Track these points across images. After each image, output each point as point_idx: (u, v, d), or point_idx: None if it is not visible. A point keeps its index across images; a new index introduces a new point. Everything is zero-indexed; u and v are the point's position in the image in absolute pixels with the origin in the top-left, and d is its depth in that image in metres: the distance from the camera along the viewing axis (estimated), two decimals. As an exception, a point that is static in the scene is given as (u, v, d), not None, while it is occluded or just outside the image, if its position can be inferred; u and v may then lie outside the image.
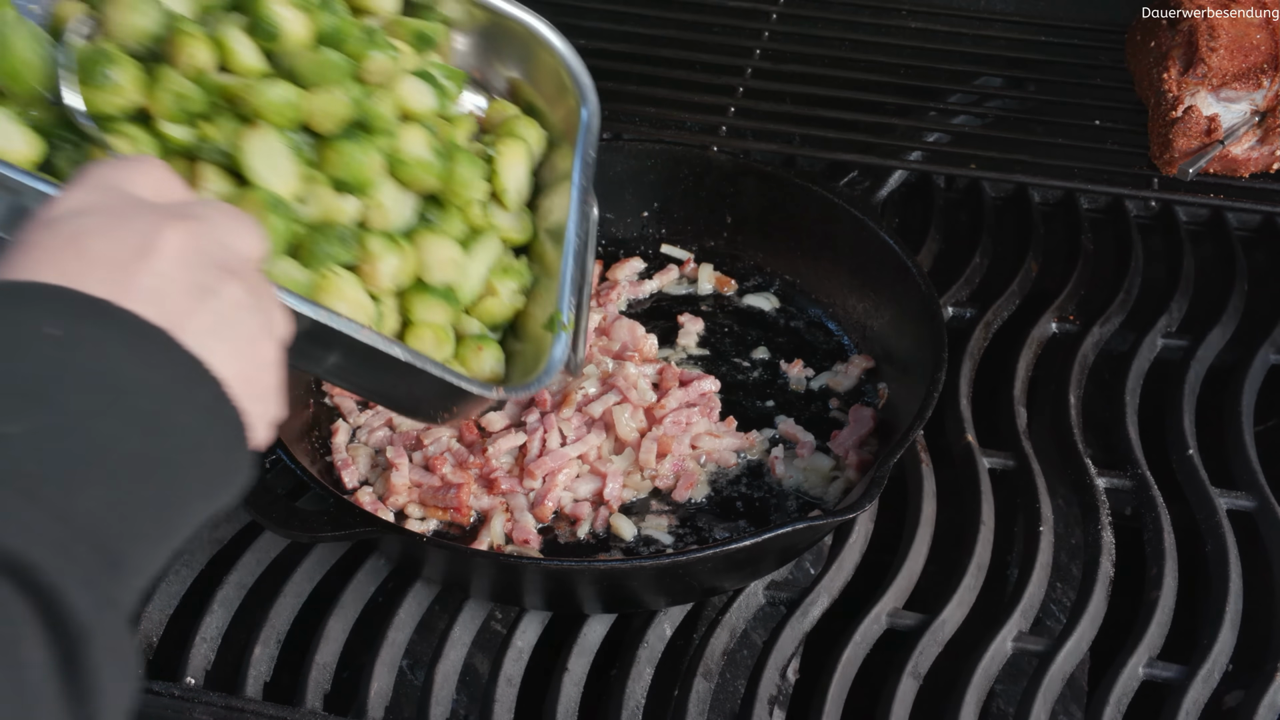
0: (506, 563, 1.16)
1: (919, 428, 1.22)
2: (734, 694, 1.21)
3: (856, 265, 1.44)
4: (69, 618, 0.60)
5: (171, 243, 0.74)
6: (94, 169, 0.79)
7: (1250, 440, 1.34)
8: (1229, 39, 1.48)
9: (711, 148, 1.55)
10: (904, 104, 1.68)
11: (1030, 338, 1.46)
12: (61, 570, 0.61)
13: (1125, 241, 1.57)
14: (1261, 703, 1.12)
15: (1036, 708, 1.13)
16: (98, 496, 0.65)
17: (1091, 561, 1.24)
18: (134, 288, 0.71)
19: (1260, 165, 1.52)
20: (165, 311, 0.71)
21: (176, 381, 0.71)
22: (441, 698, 1.17)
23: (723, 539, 1.23)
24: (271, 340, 0.79)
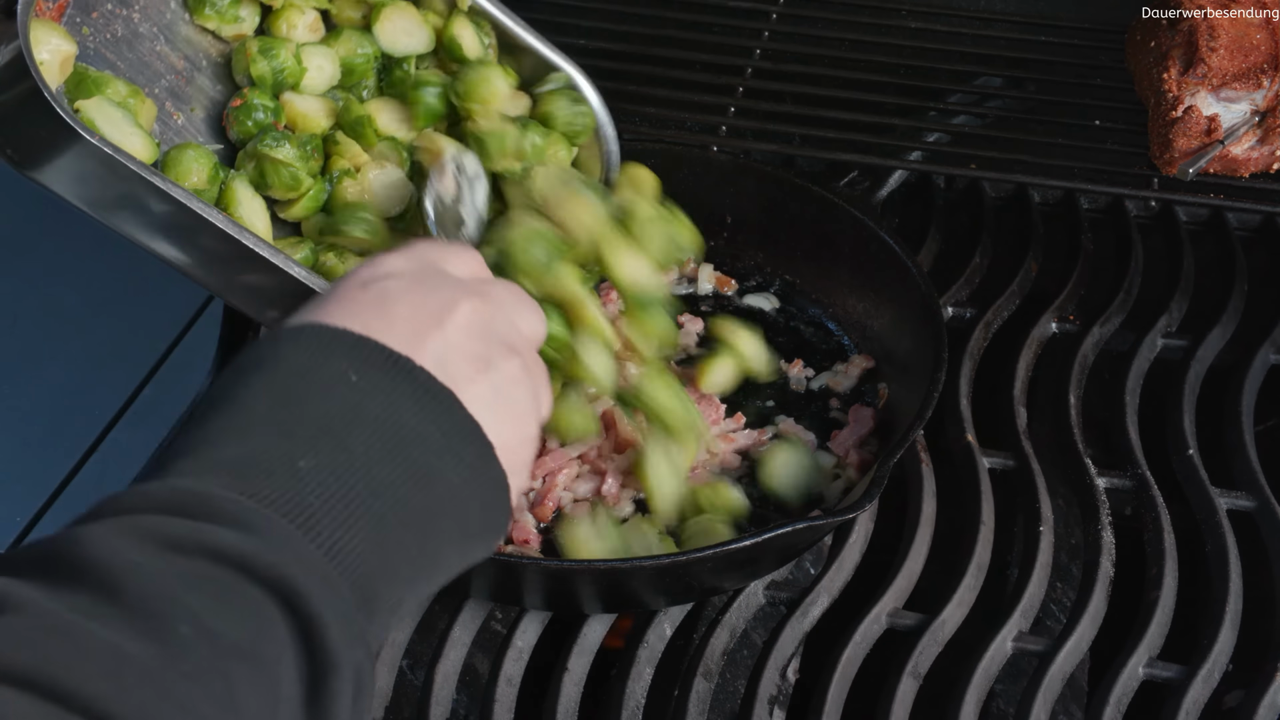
0: (506, 563, 1.15)
1: (919, 428, 1.22)
2: (734, 694, 1.21)
3: (856, 265, 1.44)
4: (323, 646, 0.65)
5: (464, 313, 0.83)
6: (419, 244, 0.90)
7: (1250, 440, 1.34)
8: (1229, 39, 1.48)
9: (711, 148, 1.55)
10: (904, 104, 1.68)
11: (1030, 338, 1.46)
12: (324, 602, 0.66)
13: (1125, 241, 1.57)
14: (1261, 703, 1.12)
15: (1036, 708, 1.13)
16: (365, 536, 0.71)
17: (1091, 561, 1.24)
18: (425, 350, 0.79)
19: (1260, 165, 1.52)
20: (448, 375, 0.79)
21: (452, 439, 0.77)
22: (441, 698, 1.17)
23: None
24: (535, 418, 0.87)
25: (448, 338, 0.81)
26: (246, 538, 0.66)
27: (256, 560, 0.65)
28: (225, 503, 0.68)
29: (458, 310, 0.83)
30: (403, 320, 0.80)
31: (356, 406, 0.74)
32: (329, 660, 0.66)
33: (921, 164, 1.63)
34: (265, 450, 0.72)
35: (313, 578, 0.67)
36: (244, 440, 0.72)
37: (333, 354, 0.76)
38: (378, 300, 0.81)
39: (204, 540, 0.65)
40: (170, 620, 0.61)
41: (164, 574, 0.62)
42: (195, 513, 0.67)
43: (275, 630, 0.64)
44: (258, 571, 0.65)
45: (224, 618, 0.63)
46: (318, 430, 0.73)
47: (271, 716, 0.62)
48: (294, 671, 0.64)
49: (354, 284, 0.84)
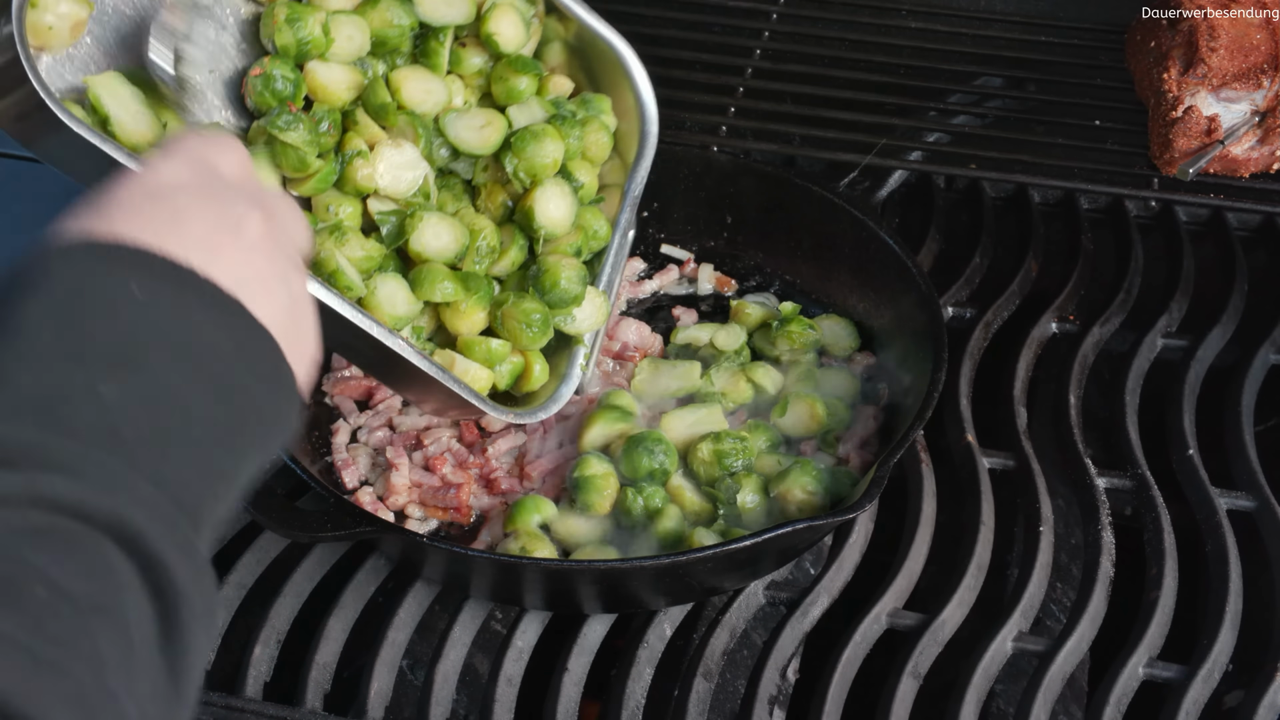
0: (506, 563, 1.16)
1: (919, 428, 1.22)
2: (734, 694, 1.21)
3: (856, 265, 1.44)
4: (170, 583, 0.65)
5: (255, 228, 0.81)
6: (186, 142, 0.86)
7: (1250, 440, 1.34)
8: (1229, 39, 1.48)
9: (711, 148, 1.55)
10: (904, 104, 1.68)
11: (1030, 338, 1.46)
12: (164, 540, 0.66)
13: (1125, 241, 1.57)
14: (1261, 703, 1.12)
15: (1036, 708, 1.13)
16: (184, 461, 0.71)
17: (1091, 561, 1.24)
18: (220, 264, 0.76)
19: (1260, 165, 1.52)
20: (247, 291, 0.77)
21: (245, 348, 0.76)
22: (441, 698, 1.17)
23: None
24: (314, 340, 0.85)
25: (243, 253, 0.79)
26: (76, 483, 0.65)
27: (90, 505, 0.64)
28: (46, 448, 0.66)
29: (251, 223, 0.81)
30: (196, 237, 0.77)
31: (147, 323, 0.72)
32: (177, 596, 0.66)
33: (921, 164, 1.63)
34: (64, 381, 0.69)
35: (148, 515, 0.66)
36: (37, 371, 0.69)
37: (113, 268, 0.73)
38: (172, 216, 0.78)
39: (35, 491, 0.64)
40: (24, 585, 0.60)
41: (4, 535, 0.62)
42: (18, 460, 0.65)
43: (120, 576, 0.64)
44: (95, 517, 0.64)
45: (73, 573, 0.62)
46: (112, 353, 0.71)
47: (128, 662, 0.63)
48: (144, 612, 0.65)
49: (141, 193, 0.80)
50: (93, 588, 0.62)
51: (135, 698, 0.62)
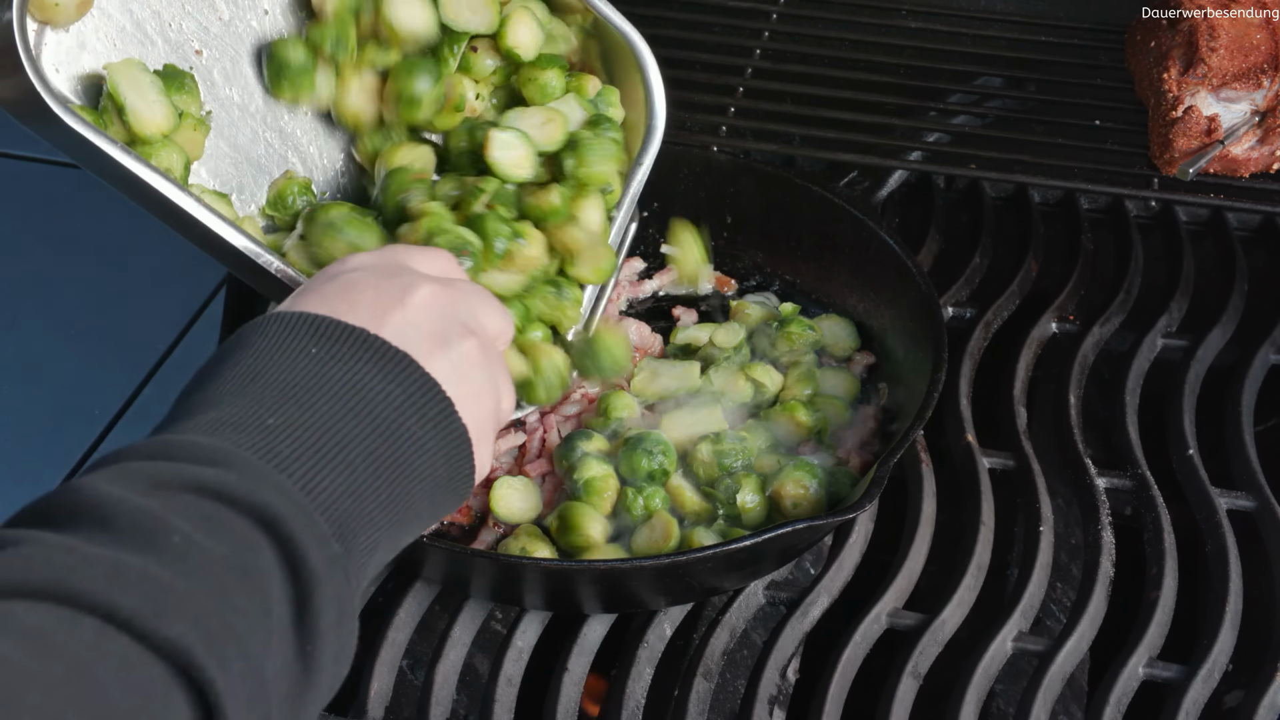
0: (506, 563, 1.16)
1: (919, 428, 1.22)
2: (734, 694, 1.21)
3: (856, 265, 1.44)
4: (305, 566, 0.70)
5: (424, 294, 0.88)
6: (391, 247, 0.96)
7: (1250, 440, 1.34)
8: (1229, 39, 1.48)
9: (711, 148, 1.55)
10: (904, 104, 1.68)
11: (1030, 338, 1.46)
12: (303, 528, 0.71)
13: (1125, 241, 1.58)
14: (1261, 703, 1.12)
15: (1036, 708, 1.13)
16: (337, 481, 0.77)
17: (1091, 561, 1.24)
18: (385, 325, 0.84)
19: (1260, 165, 1.52)
20: (408, 346, 0.84)
21: (413, 397, 0.82)
22: (441, 698, 1.17)
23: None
24: (494, 398, 0.91)
25: (407, 315, 0.86)
26: (226, 473, 0.71)
27: (236, 490, 0.70)
28: (204, 447, 0.73)
29: (418, 291, 0.88)
30: (365, 303, 0.85)
31: (319, 375, 0.80)
32: (312, 579, 0.70)
33: (921, 164, 1.63)
34: (235, 413, 0.77)
35: (290, 505, 0.72)
36: (215, 408, 0.78)
37: (294, 334, 0.82)
38: (343, 288, 0.87)
39: (186, 477, 0.70)
40: (163, 536, 0.66)
41: (152, 505, 0.67)
42: (177, 456, 0.72)
43: (261, 552, 0.69)
44: (238, 500, 0.70)
45: (212, 538, 0.68)
46: (283, 396, 0.78)
47: (265, 628, 0.67)
48: (280, 590, 0.69)
49: (322, 278, 0.90)
50: (231, 553, 0.68)
51: (266, 653, 0.67)
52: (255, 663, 0.65)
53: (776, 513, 1.24)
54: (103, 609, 0.61)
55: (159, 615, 0.62)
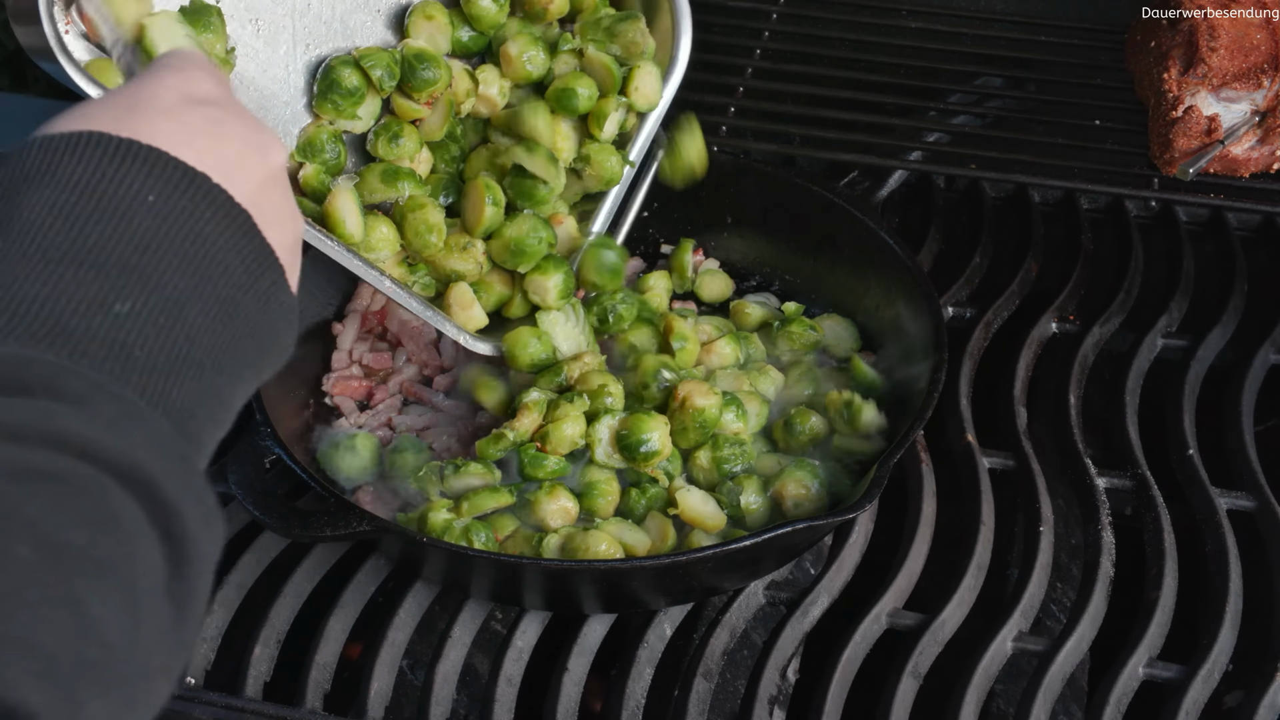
0: (506, 563, 1.15)
1: (919, 428, 1.22)
2: (734, 694, 1.21)
3: (856, 265, 1.44)
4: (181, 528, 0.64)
5: (279, 158, 0.80)
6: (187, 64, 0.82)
7: (1250, 440, 1.34)
8: (1229, 39, 1.48)
9: (712, 148, 1.55)
10: (904, 104, 1.68)
11: (1030, 338, 1.46)
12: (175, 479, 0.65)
13: (1125, 241, 1.57)
14: (1261, 703, 1.12)
15: (1036, 708, 1.13)
16: (189, 388, 0.70)
17: (1091, 561, 1.24)
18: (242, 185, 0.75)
19: (1260, 165, 1.52)
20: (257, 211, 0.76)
21: (250, 268, 0.75)
22: (441, 698, 1.17)
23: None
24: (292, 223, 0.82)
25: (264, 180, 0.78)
26: (89, 420, 0.63)
27: (101, 445, 0.62)
28: (60, 373, 0.64)
29: (275, 153, 0.80)
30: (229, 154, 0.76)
31: (161, 234, 0.70)
32: (186, 541, 0.64)
33: (921, 164, 1.63)
34: (76, 292, 0.67)
35: (161, 457, 0.65)
36: (47, 278, 0.67)
37: (128, 168, 0.71)
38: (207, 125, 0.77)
39: (45, 427, 0.61)
40: (10, 542, 0.57)
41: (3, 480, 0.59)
42: (32, 386, 0.63)
43: (127, 524, 0.62)
44: (105, 458, 0.62)
45: (68, 523, 0.59)
46: (125, 264, 0.69)
47: (132, 617, 0.60)
48: (152, 558, 0.63)
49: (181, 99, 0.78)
50: (93, 538, 0.60)
51: (137, 648, 0.60)
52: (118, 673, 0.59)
53: (778, 513, 1.24)
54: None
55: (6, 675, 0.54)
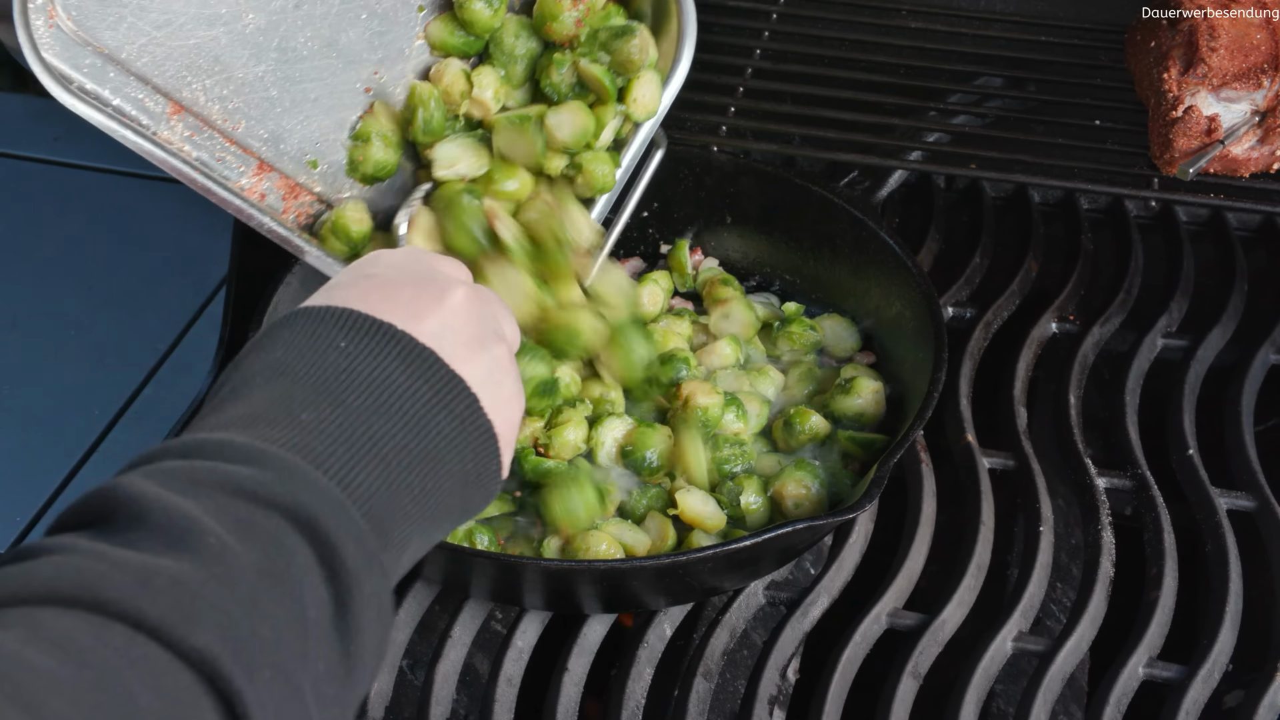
0: (506, 563, 1.16)
1: (919, 428, 1.22)
2: (734, 694, 1.21)
3: (856, 265, 1.44)
4: (343, 566, 0.71)
5: (460, 298, 0.89)
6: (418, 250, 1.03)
7: (1250, 440, 1.34)
8: (1229, 39, 1.48)
9: (711, 148, 1.55)
10: (904, 104, 1.68)
11: (1030, 338, 1.46)
12: (340, 527, 0.72)
13: (1125, 241, 1.58)
14: (1261, 703, 1.12)
15: (1036, 708, 1.13)
16: (371, 476, 0.77)
17: (1091, 561, 1.24)
18: (423, 326, 0.85)
19: (1260, 165, 1.52)
20: (446, 351, 0.85)
21: (440, 394, 0.83)
22: (441, 698, 1.17)
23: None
24: (521, 404, 0.93)
25: (444, 317, 0.87)
26: (261, 472, 0.71)
27: (271, 489, 0.70)
28: (239, 446, 0.73)
29: (454, 294, 0.89)
30: (404, 302, 0.86)
31: (349, 369, 0.81)
32: (350, 579, 0.71)
33: (921, 164, 1.63)
34: (267, 407, 0.78)
35: (326, 504, 0.72)
36: (246, 403, 0.78)
37: (323, 326, 0.83)
38: (381, 286, 0.88)
39: (222, 476, 0.70)
40: (196, 537, 0.66)
41: (186, 505, 0.67)
42: (212, 455, 0.72)
43: (296, 556, 0.69)
44: (274, 500, 0.70)
45: (246, 541, 0.67)
46: (314, 390, 0.79)
47: (300, 634, 0.67)
48: (319, 594, 0.69)
49: (356, 273, 0.91)
50: (264, 558, 0.68)
51: (309, 673, 0.67)
52: (286, 670, 0.65)
53: (778, 513, 1.24)
54: (131, 616, 0.61)
55: (187, 623, 0.62)
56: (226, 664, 0.62)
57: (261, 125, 1.20)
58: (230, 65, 1.17)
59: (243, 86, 1.18)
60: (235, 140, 1.19)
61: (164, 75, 1.13)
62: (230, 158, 1.19)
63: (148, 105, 1.13)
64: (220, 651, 0.62)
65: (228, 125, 1.18)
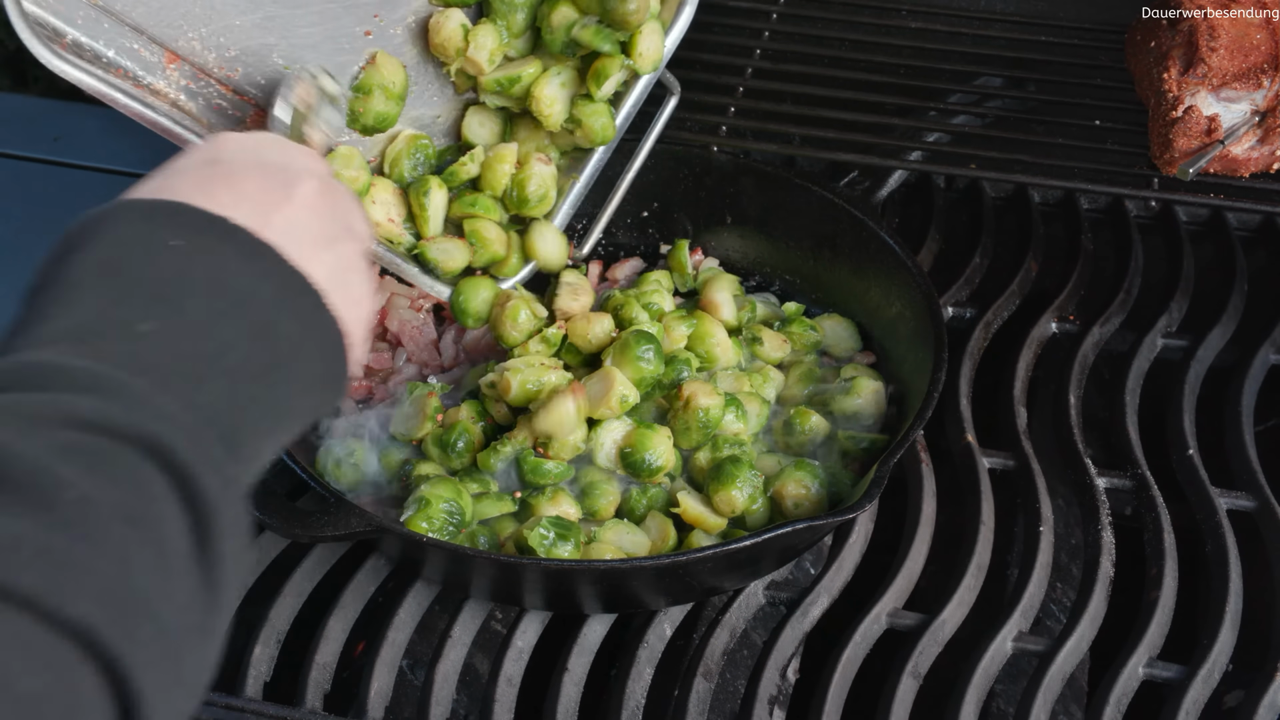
0: (506, 563, 1.16)
1: (919, 428, 1.22)
2: (734, 694, 1.21)
3: (856, 265, 1.44)
4: (200, 495, 0.67)
5: (309, 191, 0.84)
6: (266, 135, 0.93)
7: (1250, 440, 1.34)
8: (1229, 39, 1.48)
9: (711, 148, 1.55)
10: (904, 104, 1.68)
11: (1030, 338, 1.46)
12: (193, 453, 0.68)
13: (1125, 241, 1.57)
14: (1261, 703, 1.12)
15: (1036, 708, 1.13)
16: (218, 392, 0.73)
17: (1091, 561, 1.24)
18: (271, 223, 0.80)
19: (1260, 165, 1.52)
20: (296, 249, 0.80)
21: (283, 293, 0.78)
22: (441, 698, 1.17)
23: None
24: (369, 303, 0.90)
25: (291, 213, 0.83)
26: (107, 402, 0.67)
27: (118, 421, 0.66)
28: (77, 371, 0.68)
29: (303, 187, 0.85)
30: (250, 194, 0.81)
31: (185, 271, 0.75)
32: (210, 510, 0.67)
33: (921, 164, 1.63)
34: (99, 318, 0.72)
35: (177, 431, 0.68)
36: (73, 310, 0.73)
37: (152, 223, 0.77)
38: (225, 175, 0.82)
39: (64, 410, 0.66)
40: (52, 491, 0.62)
41: (34, 450, 0.63)
42: (48, 384, 0.67)
43: (153, 489, 0.66)
44: (125, 432, 0.66)
45: (102, 484, 0.64)
46: (149, 296, 0.74)
47: (164, 572, 0.64)
48: (178, 526, 0.66)
49: (200, 160, 0.85)
50: (124, 498, 0.64)
51: (169, 602, 0.64)
52: (162, 620, 0.63)
53: (778, 513, 1.24)
54: (1, 590, 0.58)
55: (59, 593, 0.59)
56: (104, 630, 0.59)
57: (259, 72, 1.18)
58: (226, 12, 1.15)
59: (240, 33, 1.15)
60: (232, 87, 1.17)
61: (159, 25, 1.11)
62: (227, 104, 1.17)
63: (143, 55, 1.11)
64: (98, 619, 0.59)
65: (224, 72, 1.16)
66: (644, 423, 1.27)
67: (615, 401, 1.24)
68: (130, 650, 0.60)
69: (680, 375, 1.31)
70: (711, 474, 1.23)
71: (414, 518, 1.17)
